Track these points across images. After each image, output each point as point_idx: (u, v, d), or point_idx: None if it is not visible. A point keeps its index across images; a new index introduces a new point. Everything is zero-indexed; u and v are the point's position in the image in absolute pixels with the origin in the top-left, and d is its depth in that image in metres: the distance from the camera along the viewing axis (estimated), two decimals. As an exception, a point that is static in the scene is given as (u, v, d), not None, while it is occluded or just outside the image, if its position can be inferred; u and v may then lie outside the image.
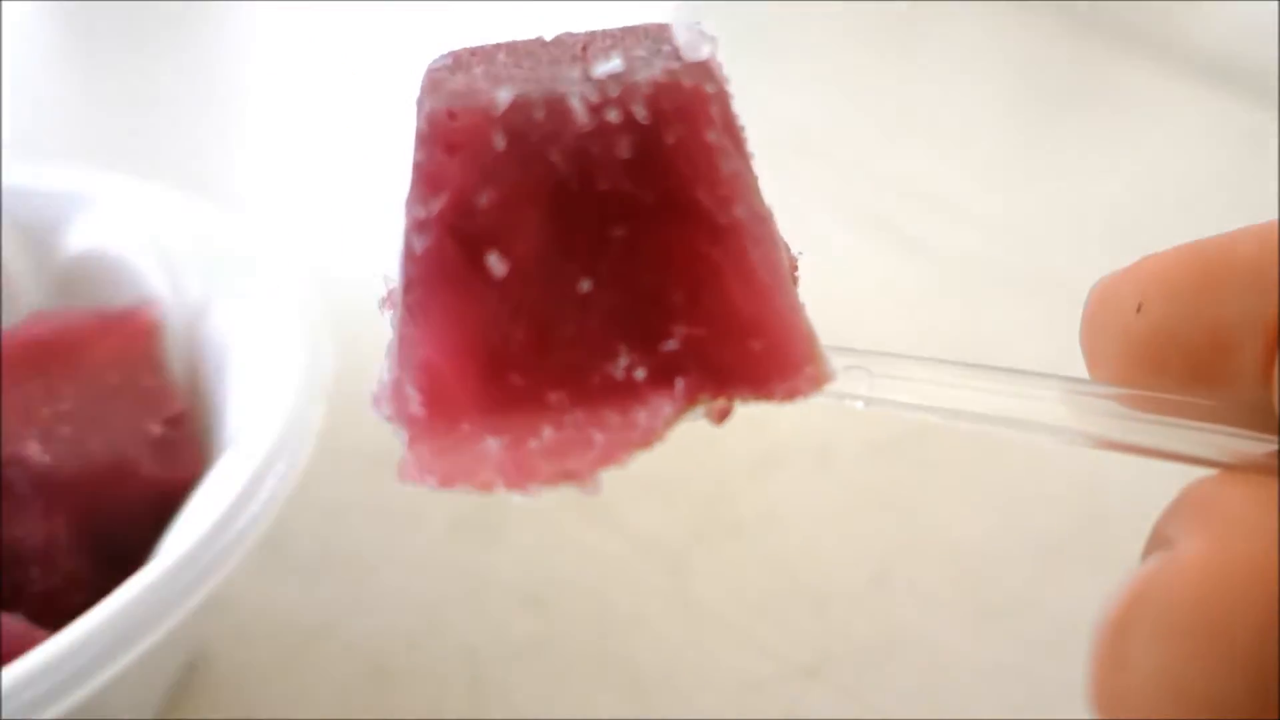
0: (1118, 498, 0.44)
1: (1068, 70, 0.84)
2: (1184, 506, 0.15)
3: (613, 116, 0.15)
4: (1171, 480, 0.15)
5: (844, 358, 0.17)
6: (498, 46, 0.18)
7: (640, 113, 0.15)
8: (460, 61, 0.17)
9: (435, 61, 0.18)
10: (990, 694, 0.37)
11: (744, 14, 0.91)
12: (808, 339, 0.16)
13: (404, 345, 0.16)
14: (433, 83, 0.17)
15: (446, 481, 0.16)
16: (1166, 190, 0.69)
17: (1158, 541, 0.15)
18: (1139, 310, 0.16)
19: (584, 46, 0.17)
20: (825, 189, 0.67)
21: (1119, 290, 0.17)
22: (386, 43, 0.88)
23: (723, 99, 0.16)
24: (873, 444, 0.47)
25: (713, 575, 0.41)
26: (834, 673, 0.37)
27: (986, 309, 0.57)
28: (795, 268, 0.18)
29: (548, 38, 0.18)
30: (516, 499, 0.16)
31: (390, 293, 0.19)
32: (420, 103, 0.16)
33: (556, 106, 0.15)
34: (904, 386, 0.17)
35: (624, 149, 0.15)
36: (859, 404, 0.17)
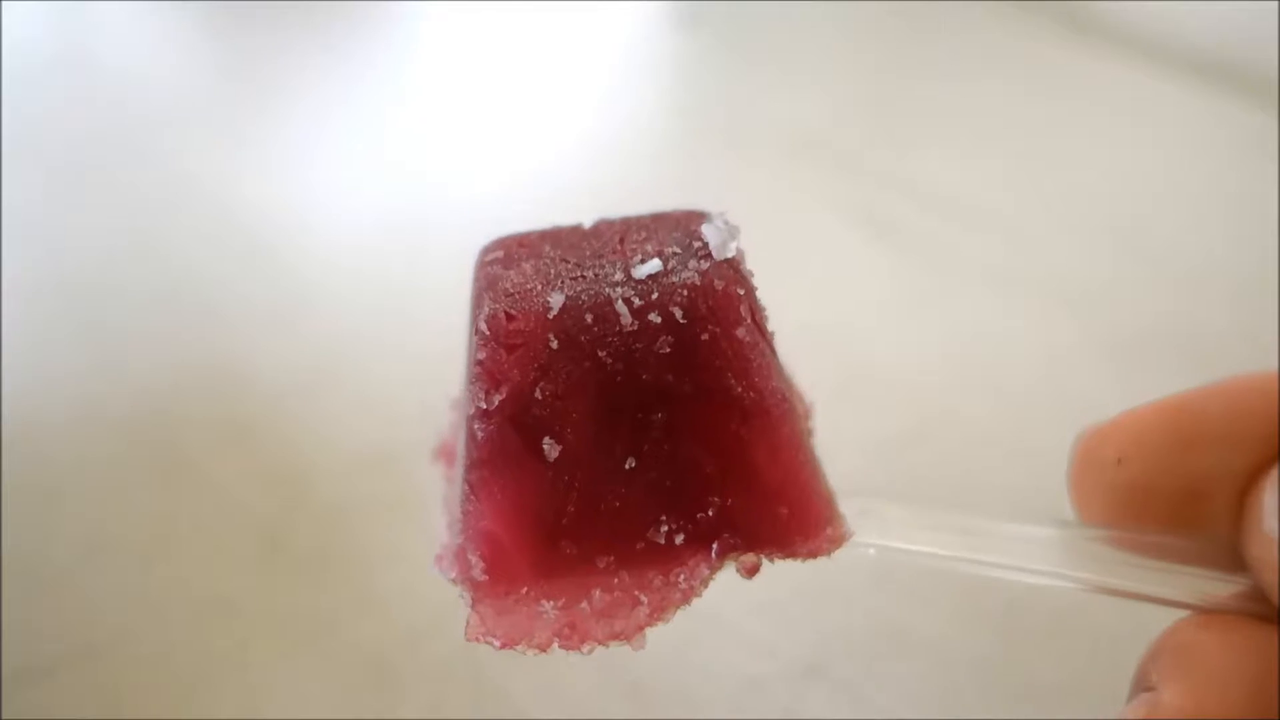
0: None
1: (1067, 70, 0.84)
2: (1164, 651, 0.16)
3: (654, 318, 0.17)
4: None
5: (856, 503, 0.19)
6: (542, 236, 0.20)
7: (679, 314, 0.17)
8: (510, 255, 0.19)
9: (486, 253, 0.20)
10: (990, 693, 0.37)
11: (744, 14, 0.91)
12: (827, 503, 0.19)
13: (467, 517, 0.18)
14: (489, 280, 0.19)
15: (508, 642, 0.18)
16: (1167, 190, 0.69)
17: (1142, 683, 0.16)
18: (1119, 463, 0.18)
19: (621, 239, 0.19)
20: (825, 189, 0.67)
21: (1101, 445, 0.19)
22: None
23: (750, 295, 0.18)
24: (871, 442, 0.47)
25: (712, 575, 0.41)
26: (834, 671, 0.37)
27: (986, 309, 0.57)
28: (809, 416, 0.20)
29: (586, 225, 0.20)
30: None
31: (442, 445, 0.21)
32: (479, 300, 0.18)
33: (604, 309, 0.17)
34: (912, 534, 0.19)
35: (664, 345, 0.17)
36: (870, 551, 0.19)
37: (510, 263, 0.19)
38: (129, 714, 0.35)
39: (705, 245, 0.18)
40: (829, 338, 0.53)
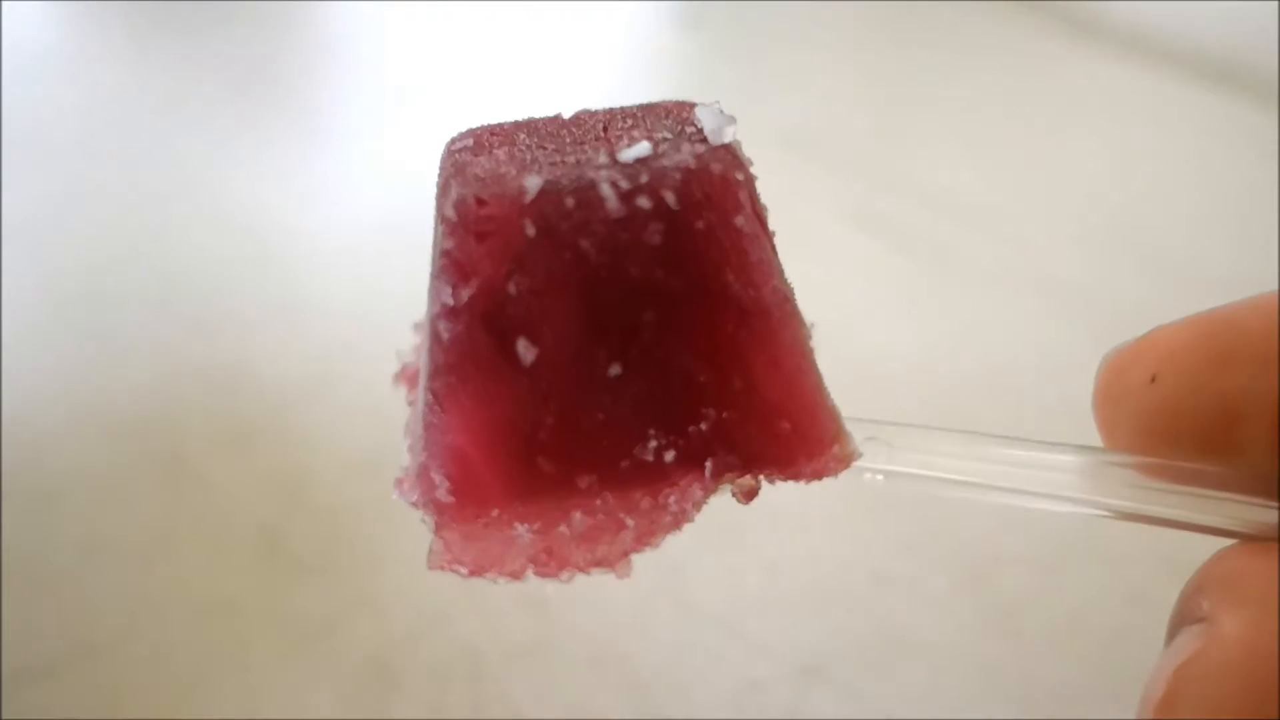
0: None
1: (1068, 71, 0.84)
2: (1213, 580, 0.15)
3: (644, 203, 0.15)
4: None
5: (863, 429, 0.17)
6: (517, 126, 0.18)
7: (671, 199, 0.15)
8: (481, 142, 0.17)
9: (455, 141, 0.17)
10: (990, 694, 0.37)
11: (744, 14, 0.91)
12: (833, 419, 0.16)
13: (430, 431, 0.16)
14: (456, 166, 0.16)
15: (477, 570, 0.16)
16: (1167, 190, 0.69)
17: (1188, 614, 0.15)
18: (1153, 381, 0.17)
19: (605, 127, 0.17)
20: (825, 189, 0.67)
21: (1132, 363, 0.17)
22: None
23: (749, 183, 0.16)
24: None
25: (712, 575, 0.41)
26: (833, 673, 0.37)
27: (986, 308, 0.57)
28: (810, 336, 0.18)
29: (566, 115, 0.18)
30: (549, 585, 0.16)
31: (404, 368, 0.19)
32: (446, 187, 0.16)
33: (587, 194, 0.15)
34: (923, 459, 0.17)
35: (655, 235, 0.15)
36: (879, 477, 0.17)
37: (481, 150, 0.17)
38: (129, 714, 0.35)
39: (699, 130, 0.16)
40: (828, 337, 0.53)
